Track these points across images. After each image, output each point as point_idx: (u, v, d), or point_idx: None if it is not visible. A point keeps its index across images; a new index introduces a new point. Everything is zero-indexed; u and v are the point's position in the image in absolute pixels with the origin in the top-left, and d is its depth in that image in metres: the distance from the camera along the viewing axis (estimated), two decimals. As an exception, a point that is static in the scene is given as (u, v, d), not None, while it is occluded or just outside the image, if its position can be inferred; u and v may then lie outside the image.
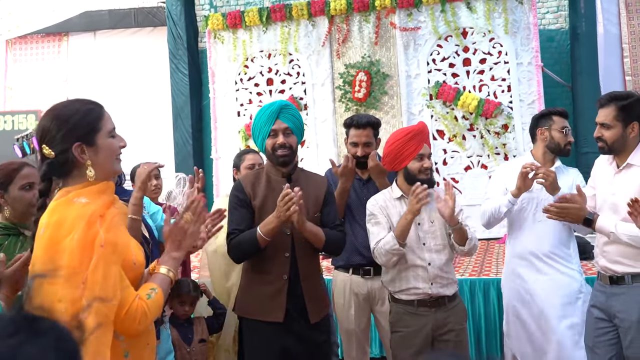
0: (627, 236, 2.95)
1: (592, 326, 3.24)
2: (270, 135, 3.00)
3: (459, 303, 3.26)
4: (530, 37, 7.59)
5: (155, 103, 9.71)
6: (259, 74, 8.65)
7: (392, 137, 3.27)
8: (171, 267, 1.99)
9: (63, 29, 10.42)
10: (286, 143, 2.98)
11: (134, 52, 10.19)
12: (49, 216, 1.79)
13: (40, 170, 1.88)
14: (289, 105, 3.09)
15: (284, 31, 8.44)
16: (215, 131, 8.77)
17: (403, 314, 3.20)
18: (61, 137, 1.85)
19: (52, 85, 10.55)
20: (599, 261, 3.20)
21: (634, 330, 3.03)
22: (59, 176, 1.89)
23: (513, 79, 7.68)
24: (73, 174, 1.88)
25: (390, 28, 8.08)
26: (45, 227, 1.77)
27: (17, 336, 0.85)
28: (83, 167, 1.87)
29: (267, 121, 3.00)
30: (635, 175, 3.01)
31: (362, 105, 8.08)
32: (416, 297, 3.15)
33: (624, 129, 3.05)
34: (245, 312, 3.01)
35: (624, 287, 3.09)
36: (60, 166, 1.87)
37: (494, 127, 7.66)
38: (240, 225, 2.93)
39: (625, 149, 3.09)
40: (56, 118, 1.87)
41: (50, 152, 1.85)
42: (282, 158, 2.99)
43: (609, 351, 3.16)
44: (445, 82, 7.88)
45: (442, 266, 3.15)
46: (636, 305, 3.04)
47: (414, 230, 3.16)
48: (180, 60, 9.15)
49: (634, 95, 3.12)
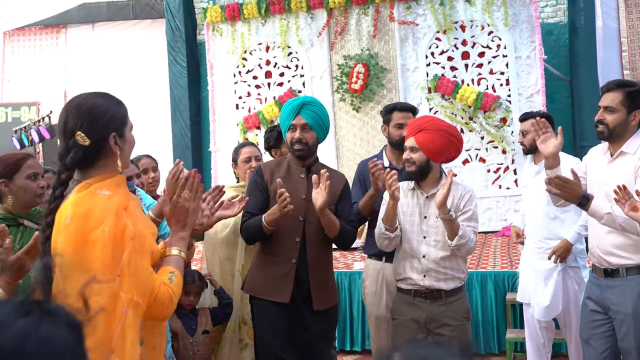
0: (622, 219, 2.95)
1: (587, 319, 3.26)
2: (290, 129, 3.13)
3: (460, 299, 3.24)
4: (530, 31, 7.59)
5: (153, 96, 9.70)
6: (258, 66, 8.65)
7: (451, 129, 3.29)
8: (181, 247, 2.02)
9: (61, 20, 10.39)
10: (302, 139, 3.10)
11: (133, 44, 10.17)
12: (74, 207, 1.81)
13: (66, 158, 1.89)
14: (313, 101, 3.20)
15: (283, 24, 8.43)
16: (213, 124, 8.77)
17: (401, 302, 3.25)
18: (101, 126, 1.89)
19: (50, 78, 10.53)
20: (594, 253, 3.21)
21: (628, 322, 3.04)
22: (82, 165, 1.91)
23: (512, 72, 7.68)
24: (97, 164, 1.91)
25: (388, 21, 8.07)
26: (72, 218, 1.79)
27: (32, 315, 0.89)
28: (108, 158, 1.91)
29: (289, 115, 3.13)
30: (628, 163, 3.03)
31: (358, 97, 8.08)
32: (412, 287, 3.19)
33: (628, 115, 3.08)
34: (254, 291, 3.15)
35: (619, 280, 3.10)
36: (90, 155, 1.89)
37: (493, 121, 7.67)
38: (254, 210, 3.05)
39: (623, 136, 3.11)
40: (94, 108, 1.91)
41: (86, 140, 1.87)
42: (297, 152, 3.12)
43: (604, 343, 3.17)
44: (443, 76, 7.88)
45: (438, 260, 3.15)
46: (631, 297, 3.05)
47: (417, 222, 3.21)
48: (179, 53, 9.14)
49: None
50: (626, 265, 3.08)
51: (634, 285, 3.05)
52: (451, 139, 3.23)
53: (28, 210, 2.61)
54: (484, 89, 7.74)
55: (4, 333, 0.87)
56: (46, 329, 0.89)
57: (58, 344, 0.89)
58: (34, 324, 0.89)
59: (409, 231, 3.22)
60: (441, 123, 3.36)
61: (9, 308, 0.91)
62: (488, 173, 7.69)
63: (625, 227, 2.95)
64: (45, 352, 0.87)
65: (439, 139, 3.19)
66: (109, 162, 1.91)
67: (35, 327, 0.88)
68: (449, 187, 3.03)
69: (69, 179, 1.91)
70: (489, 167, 7.74)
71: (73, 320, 0.94)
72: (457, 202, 3.22)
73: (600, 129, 3.16)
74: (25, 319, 0.89)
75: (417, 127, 3.25)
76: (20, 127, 9.30)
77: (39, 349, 0.87)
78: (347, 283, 5.52)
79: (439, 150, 3.21)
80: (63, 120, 1.92)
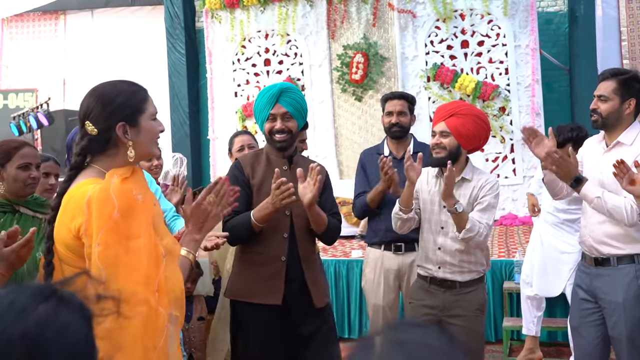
0: (611, 204, 2.95)
1: (578, 307, 3.27)
2: (269, 119, 2.93)
3: (475, 291, 3.19)
4: (529, 20, 7.57)
5: (152, 83, 9.64)
6: (257, 54, 8.62)
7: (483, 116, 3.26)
8: (192, 249, 2.04)
9: (60, 7, 10.35)
10: (284, 128, 2.91)
11: (132, 31, 10.12)
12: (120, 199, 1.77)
13: (78, 145, 1.91)
14: (290, 88, 2.99)
15: (282, 11, 8.40)
16: (212, 111, 8.76)
17: (418, 287, 3.28)
18: (106, 116, 1.89)
19: (49, 64, 10.50)
20: (585, 242, 3.21)
21: (618, 311, 3.06)
22: (94, 153, 1.92)
23: (511, 61, 7.67)
24: (109, 152, 1.92)
25: (388, 9, 8.05)
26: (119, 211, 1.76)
27: (50, 301, 0.91)
28: (121, 147, 1.91)
29: (267, 104, 2.93)
30: (623, 154, 3.02)
31: (359, 87, 8.07)
32: (429, 274, 3.19)
33: (621, 103, 3.07)
34: (238, 295, 2.93)
35: (610, 269, 3.11)
36: (100, 144, 1.90)
37: (491, 110, 7.67)
38: (238, 207, 2.74)
39: (617, 125, 3.11)
40: (102, 96, 1.91)
41: (93, 129, 1.88)
42: (279, 143, 2.93)
43: (594, 332, 3.19)
44: (443, 64, 7.87)
45: (454, 252, 3.11)
46: (621, 286, 3.06)
47: (437, 212, 3.17)
48: (178, 40, 9.11)
49: (636, 74, 3.14)
50: (617, 254, 3.09)
51: (624, 275, 3.07)
52: (483, 125, 3.19)
53: (23, 198, 2.62)
54: (483, 78, 7.73)
55: (26, 318, 0.88)
56: (65, 316, 0.90)
57: (74, 333, 0.91)
58: (54, 311, 0.90)
59: (428, 220, 3.20)
60: (474, 108, 3.32)
61: (29, 292, 0.92)
62: (487, 162, 7.70)
63: (612, 214, 2.97)
64: (63, 341, 0.89)
65: (471, 124, 3.14)
66: (120, 152, 1.91)
67: (55, 314, 0.90)
68: (450, 178, 2.97)
69: (79, 166, 1.92)
70: (487, 156, 7.75)
71: (86, 308, 0.96)
72: (477, 193, 3.16)
73: (594, 118, 3.17)
74: (46, 304, 0.90)
75: (449, 111, 3.19)
76: (18, 114, 9.27)
77: (58, 338, 0.88)
78: (345, 271, 5.55)
79: (470, 136, 3.15)
80: (80, 107, 1.94)
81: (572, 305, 3.38)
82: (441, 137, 3.13)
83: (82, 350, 0.91)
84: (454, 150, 3.12)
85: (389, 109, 3.79)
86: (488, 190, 3.14)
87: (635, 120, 3.13)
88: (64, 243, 1.83)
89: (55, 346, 0.88)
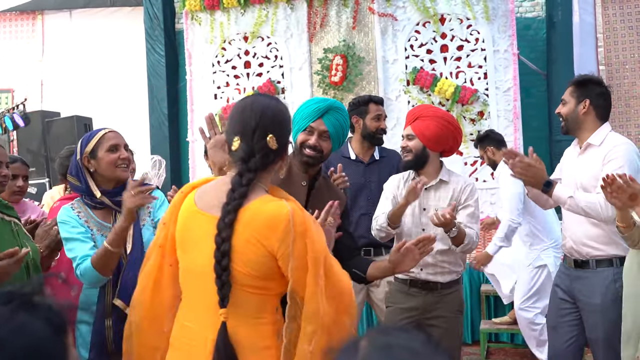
0: (585, 202, 3.01)
1: (556, 306, 3.34)
2: (305, 131, 2.75)
3: (455, 292, 3.26)
4: (508, 25, 7.64)
5: (131, 84, 9.60)
6: (237, 56, 8.60)
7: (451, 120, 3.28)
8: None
9: (37, 6, 10.22)
10: (317, 146, 2.72)
11: (111, 32, 10.03)
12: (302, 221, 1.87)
13: (251, 160, 1.92)
14: (340, 108, 2.79)
15: (262, 14, 8.38)
16: (191, 114, 8.71)
17: (396, 291, 3.29)
18: (287, 132, 1.98)
19: (26, 65, 10.36)
20: (566, 244, 3.28)
21: (596, 313, 3.12)
22: (258, 168, 1.93)
23: (489, 66, 7.73)
24: (269, 169, 1.98)
25: (368, 13, 8.07)
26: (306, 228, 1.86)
27: (11, 305, 0.93)
28: (277, 165, 2.00)
29: (310, 116, 2.75)
30: (594, 155, 3.11)
31: (339, 89, 8.08)
32: (409, 277, 3.21)
33: (577, 105, 3.19)
34: None
35: (589, 272, 3.16)
36: (270, 160, 1.95)
37: (470, 114, 7.72)
38: None
39: (580, 127, 3.22)
40: (282, 113, 1.99)
41: (275, 144, 1.92)
42: (306, 157, 2.74)
43: (569, 332, 3.25)
44: (422, 68, 7.90)
45: (436, 254, 3.14)
46: (599, 289, 3.12)
47: (417, 215, 3.20)
48: (157, 42, 9.04)
49: (593, 78, 3.29)
50: (597, 257, 3.14)
51: (603, 278, 3.12)
52: (447, 126, 3.23)
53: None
54: (462, 82, 7.78)
55: None
56: (24, 318, 0.92)
57: (31, 336, 0.91)
58: (12, 312, 0.92)
59: (408, 223, 3.22)
60: (438, 111, 3.38)
61: None
62: (465, 166, 7.74)
63: (587, 211, 3.02)
64: (17, 341, 0.89)
65: (434, 125, 3.19)
66: (276, 169, 2.00)
67: (12, 316, 0.91)
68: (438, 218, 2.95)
69: (251, 181, 1.91)
70: (465, 159, 7.80)
71: (55, 316, 0.96)
72: (458, 195, 3.19)
73: (562, 123, 3.31)
74: (3, 307, 0.92)
75: (414, 115, 3.27)
76: (-6, 115, 9.15)
77: (12, 338, 0.89)
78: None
79: (435, 137, 3.20)
80: (246, 121, 1.94)
81: (550, 304, 3.45)
82: (407, 141, 3.22)
83: (42, 353, 0.91)
84: (420, 153, 3.19)
85: (377, 113, 3.77)
86: (469, 194, 3.20)
87: (606, 123, 3.21)
88: (247, 260, 1.83)
89: (6, 345, 0.88)
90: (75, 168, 2.84)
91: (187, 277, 1.99)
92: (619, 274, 3.05)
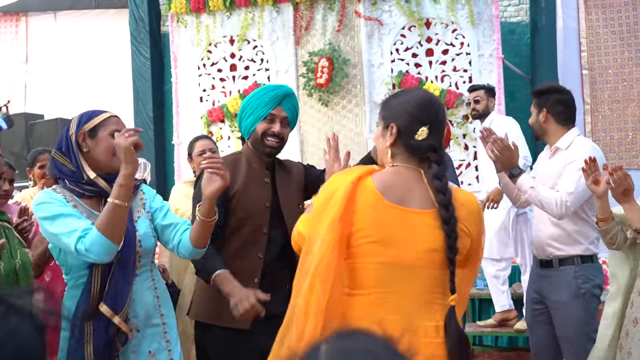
0: (544, 195, 3.20)
1: (530, 307, 3.53)
2: (266, 119, 2.71)
3: None
4: (493, 29, 7.69)
5: (116, 87, 9.56)
6: (222, 59, 8.58)
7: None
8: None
9: (21, 8, 10.15)
10: (280, 133, 2.72)
11: (96, 34, 9.98)
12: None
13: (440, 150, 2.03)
14: (293, 94, 2.83)
15: (248, 17, 8.38)
16: (177, 116, 8.68)
17: None
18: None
19: (10, 67, 10.28)
20: (535, 244, 3.47)
21: (562, 311, 3.29)
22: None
23: (474, 70, 7.78)
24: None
25: (354, 17, 8.10)
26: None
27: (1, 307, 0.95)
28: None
29: (268, 104, 2.71)
30: (560, 158, 3.32)
31: (324, 91, 8.08)
32: None
33: (538, 114, 3.42)
34: (204, 317, 2.76)
35: (553, 270, 3.35)
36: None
37: (455, 118, 7.76)
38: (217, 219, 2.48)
39: (547, 133, 3.44)
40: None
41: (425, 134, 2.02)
42: (270, 149, 2.73)
43: (544, 330, 3.46)
44: (408, 72, 7.94)
45: None
46: (564, 287, 3.29)
47: None
48: (142, 44, 9.01)
49: (551, 87, 3.45)
50: (559, 256, 3.31)
51: (565, 275, 3.30)
52: None
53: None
54: (447, 86, 7.82)
55: None
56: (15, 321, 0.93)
57: (23, 339, 0.93)
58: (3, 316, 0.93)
59: None
60: None
61: None
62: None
63: (543, 205, 3.21)
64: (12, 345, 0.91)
65: None
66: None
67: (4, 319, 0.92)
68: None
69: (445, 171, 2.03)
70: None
71: (37, 318, 0.98)
72: None
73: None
74: None
75: None
76: (-23, 117, 9.07)
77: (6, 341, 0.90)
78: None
79: None
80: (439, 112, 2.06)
81: (526, 305, 3.64)
82: None
83: (32, 356, 0.93)
84: None
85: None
86: None
87: (573, 127, 3.40)
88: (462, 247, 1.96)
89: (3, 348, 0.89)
90: (67, 144, 2.39)
91: (389, 272, 1.92)
92: (580, 271, 3.27)
